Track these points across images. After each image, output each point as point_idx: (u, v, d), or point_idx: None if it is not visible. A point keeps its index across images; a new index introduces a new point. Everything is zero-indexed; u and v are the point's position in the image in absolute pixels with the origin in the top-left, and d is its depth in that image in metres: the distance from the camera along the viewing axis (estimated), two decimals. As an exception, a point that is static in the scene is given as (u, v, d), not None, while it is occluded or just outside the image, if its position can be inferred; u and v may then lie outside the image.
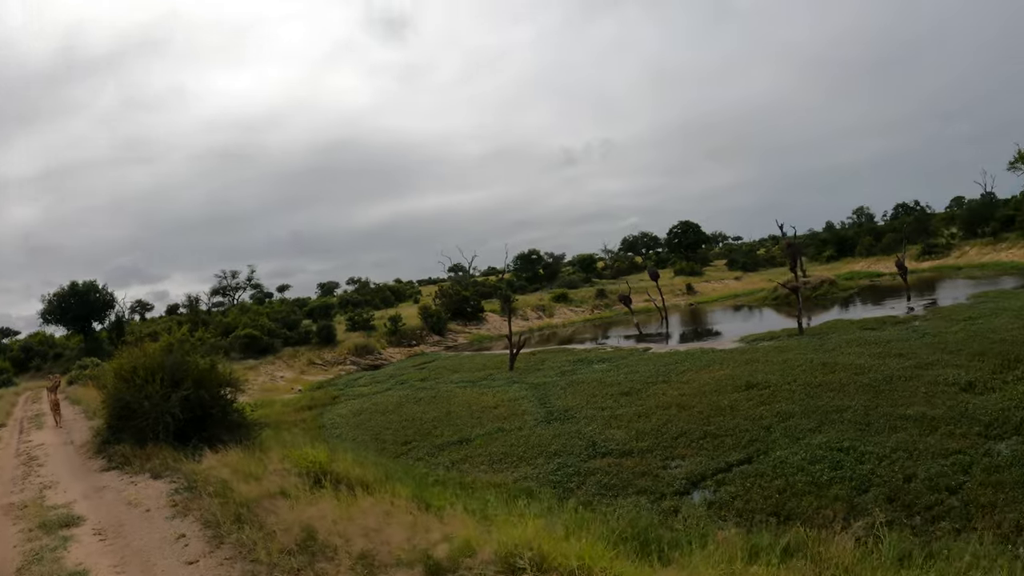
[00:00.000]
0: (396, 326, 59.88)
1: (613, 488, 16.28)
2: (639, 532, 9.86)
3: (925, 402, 20.14)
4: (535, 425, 23.76)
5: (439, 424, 25.66)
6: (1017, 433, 16.62)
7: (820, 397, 22.29)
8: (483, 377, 36.47)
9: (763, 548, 9.00)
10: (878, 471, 15.23)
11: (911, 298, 52.68)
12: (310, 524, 9.00)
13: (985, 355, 25.11)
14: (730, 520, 13.15)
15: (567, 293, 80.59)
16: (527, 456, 19.98)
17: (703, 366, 30.66)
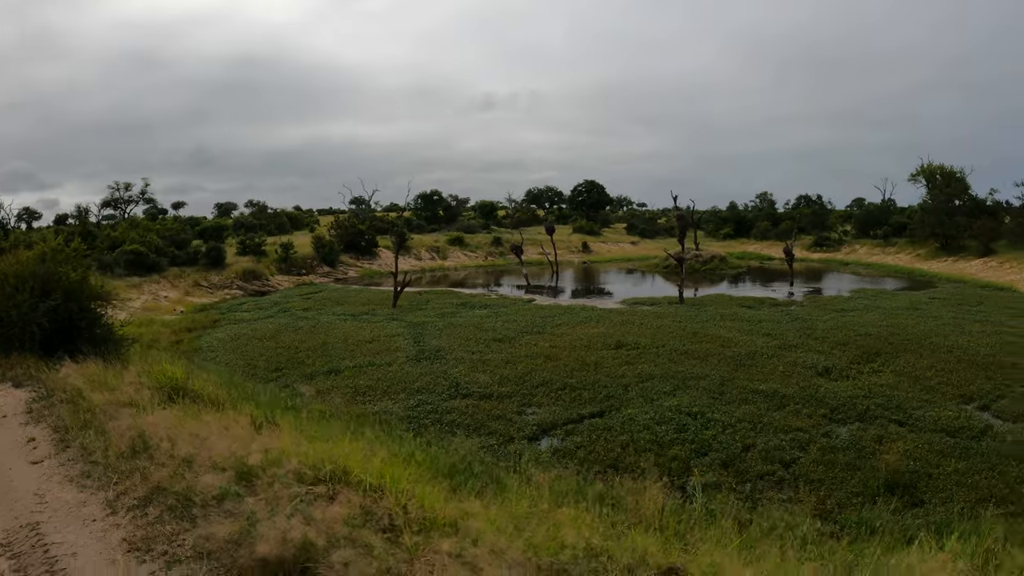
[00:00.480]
0: (287, 254, 58.62)
1: (466, 428, 16.57)
2: (466, 467, 10.14)
3: (780, 380, 21.14)
4: (405, 362, 23.83)
5: (313, 354, 25.44)
6: (860, 420, 17.69)
7: (682, 363, 23.09)
8: (365, 312, 36.36)
9: (579, 493, 9.39)
10: (720, 438, 15.99)
11: (794, 284, 54.55)
12: (146, 431, 9.37)
13: (848, 345, 26.56)
14: (571, 468, 13.48)
15: (463, 237, 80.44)
16: (391, 391, 20.09)
17: (579, 322, 31.29)
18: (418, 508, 6.04)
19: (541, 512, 7.40)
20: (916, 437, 16.31)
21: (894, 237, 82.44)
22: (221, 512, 6.04)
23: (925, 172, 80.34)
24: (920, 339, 28.01)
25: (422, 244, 75.45)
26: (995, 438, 16.46)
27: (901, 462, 14.50)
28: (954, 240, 70.45)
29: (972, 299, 43.19)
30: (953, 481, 13.74)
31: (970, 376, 22.19)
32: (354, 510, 5.72)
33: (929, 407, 18.79)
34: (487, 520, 6.12)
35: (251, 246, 59.88)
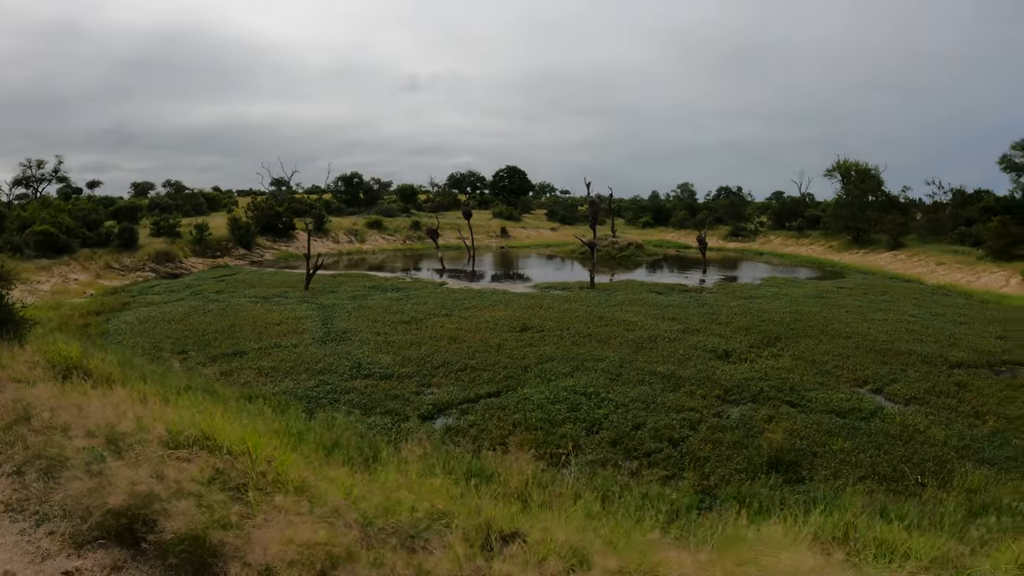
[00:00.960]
0: (202, 235, 57.62)
1: (363, 407, 16.86)
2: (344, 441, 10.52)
3: (679, 362, 21.87)
4: (310, 344, 23.91)
5: (220, 336, 25.23)
6: (753, 401, 18.44)
7: (584, 346, 23.69)
8: (277, 294, 36.15)
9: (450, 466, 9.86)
10: (612, 417, 16.51)
11: (707, 271, 56.14)
12: (30, 403, 9.39)
13: (750, 331, 27.39)
14: (462, 445, 13.98)
15: (382, 221, 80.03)
16: (293, 372, 20.19)
17: (488, 305, 31.71)
18: (275, 472, 6.40)
19: (409, 482, 7.80)
20: (806, 418, 17.05)
21: (808, 229, 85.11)
22: (86, 472, 6.33)
23: (840, 168, 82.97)
24: (822, 325, 29.13)
25: (340, 227, 74.76)
26: (884, 419, 17.20)
27: (786, 441, 15.12)
28: (865, 233, 73.09)
29: (878, 289, 44.80)
30: (838, 459, 14.40)
31: (866, 361, 23.18)
32: (207, 471, 6.06)
33: (823, 389, 19.63)
34: (341, 485, 6.48)
35: (165, 227, 58.69)
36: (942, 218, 71.77)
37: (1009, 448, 15.46)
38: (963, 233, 65.71)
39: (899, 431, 16.27)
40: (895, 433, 16.15)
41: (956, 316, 34.32)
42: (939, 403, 18.85)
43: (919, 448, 15.23)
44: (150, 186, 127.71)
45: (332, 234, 71.88)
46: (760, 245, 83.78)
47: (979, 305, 40.05)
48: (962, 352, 25.24)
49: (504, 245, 78.01)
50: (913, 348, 25.30)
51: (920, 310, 35.84)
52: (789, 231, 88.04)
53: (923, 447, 15.31)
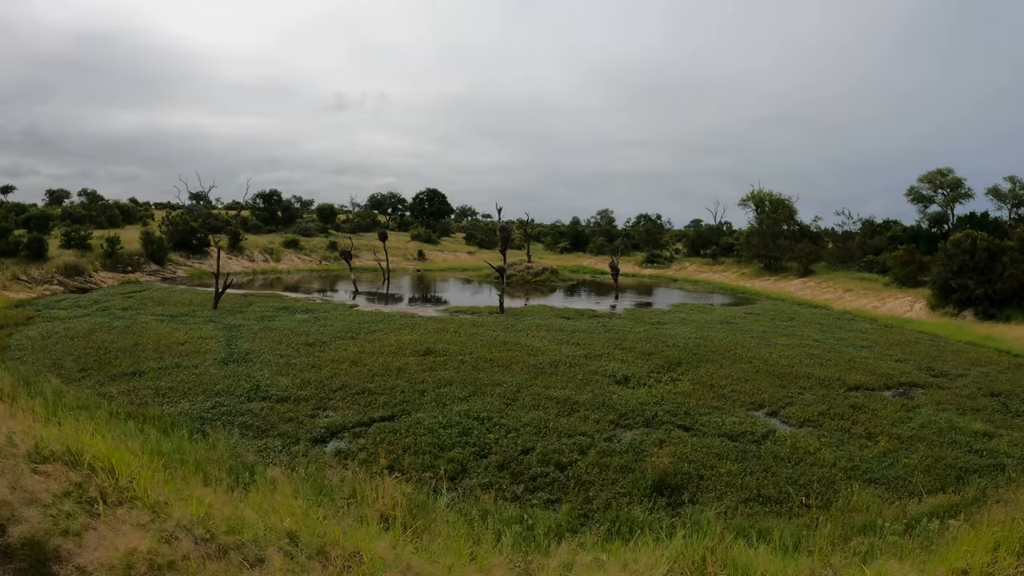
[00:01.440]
0: (113, 249, 56.46)
1: (256, 429, 17.00)
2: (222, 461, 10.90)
3: (577, 387, 22.33)
4: (211, 365, 23.86)
5: (122, 355, 24.98)
6: (647, 425, 18.89)
7: (484, 371, 24.03)
8: (185, 313, 35.87)
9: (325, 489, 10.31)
10: (502, 441, 16.83)
11: (620, 297, 57.04)
12: None
13: (653, 356, 28.12)
14: (351, 468, 14.21)
15: (299, 240, 79.38)
16: (191, 392, 20.17)
17: (395, 328, 31.92)
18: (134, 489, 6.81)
19: (271, 503, 8.24)
20: (697, 441, 17.47)
21: (723, 257, 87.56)
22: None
23: (754, 198, 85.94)
24: (725, 351, 30.02)
25: (256, 245, 74.02)
26: (775, 442, 17.80)
27: (671, 464, 15.35)
28: (777, 261, 75.61)
29: (785, 315, 46.18)
30: (724, 482, 14.79)
31: (764, 385, 23.97)
32: (65, 484, 6.49)
33: (718, 413, 20.19)
34: (199, 503, 6.90)
35: (76, 239, 57.38)
36: (851, 247, 74.49)
37: (898, 468, 16.13)
38: (871, 261, 68.30)
39: (789, 453, 16.89)
40: (785, 455, 16.74)
41: (859, 340, 35.78)
42: (832, 425, 19.58)
43: (808, 469, 15.82)
44: (65, 194, 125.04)
45: (247, 252, 71.13)
46: (675, 272, 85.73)
47: (883, 329, 41.74)
48: (860, 375, 26.39)
49: (420, 268, 78.15)
50: (812, 372, 26.31)
51: (824, 335, 37.17)
52: (704, 258, 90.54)
53: (812, 468, 15.89)
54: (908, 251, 60.37)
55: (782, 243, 75.96)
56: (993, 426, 20.16)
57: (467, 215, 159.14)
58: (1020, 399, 23.95)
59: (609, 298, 56.70)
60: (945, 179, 79.82)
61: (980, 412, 21.83)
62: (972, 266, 46.64)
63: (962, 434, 19.05)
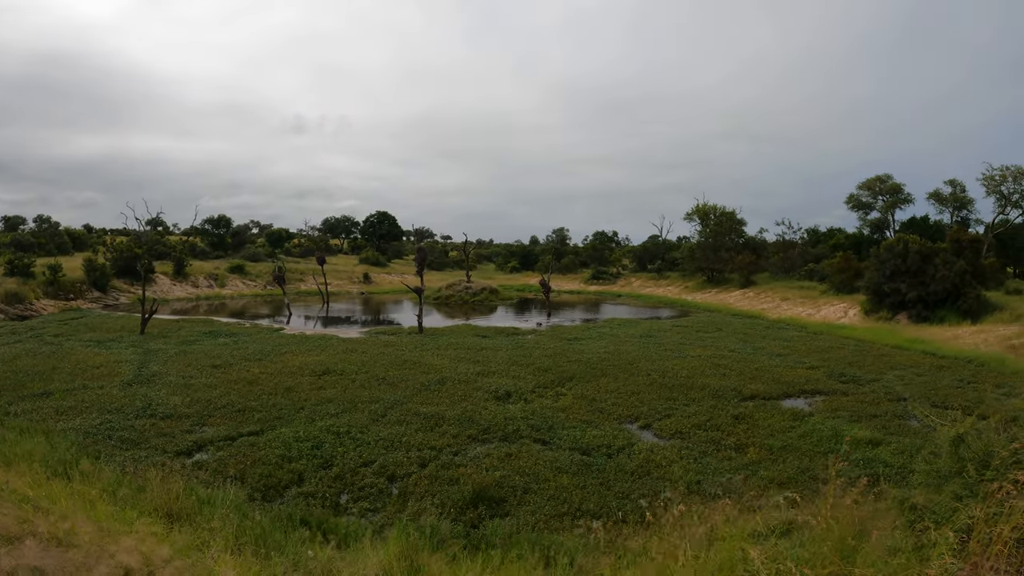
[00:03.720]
0: (55, 277, 57.50)
1: (132, 442, 18.11)
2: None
3: (452, 403, 23.22)
4: (116, 386, 24.94)
5: (36, 378, 26.09)
6: (504, 439, 19.51)
7: (370, 389, 25.09)
8: (113, 338, 36.88)
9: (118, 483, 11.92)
10: (350, 454, 17.71)
11: (551, 314, 58.54)
12: None
13: (548, 371, 29.13)
14: (202, 480, 15.20)
15: (245, 265, 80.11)
16: (87, 411, 21.28)
17: (306, 350, 33.11)
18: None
19: (63, 487, 9.84)
20: (547, 454, 17.98)
21: (667, 271, 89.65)
22: None
23: (699, 211, 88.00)
24: (627, 364, 30.91)
25: (201, 271, 74.76)
26: (629, 455, 18.07)
27: (489, 477, 15.92)
28: (719, 273, 77.90)
29: (713, 326, 47.52)
30: (548, 495, 15.07)
31: (652, 397, 24.61)
32: None
33: (585, 427, 20.70)
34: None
35: (19, 267, 58.28)
36: (792, 256, 76.85)
37: (753, 480, 15.86)
38: (811, 270, 70.37)
39: (637, 467, 17.14)
40: (632, 469, 17.01)
41: (778, 349, 36.85)
42: (703, 437, 19.91)
43: (649, 483, 16.02)
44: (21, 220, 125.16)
45: (192, 278, 71.87)
46: (620, 288, 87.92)
47: (809, 336, 43.11)
48: (761, 384, 27.20)
49: (364, 291, 79.25)
50: (711, 383, 27.05)
51: (743, 344, 38.38)
52: (650, 273, 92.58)
53: (655, 482, 16.09)
54: (844, 258, 62.41)
55: (723, 255, 78.16)
56: (883, 433, 20.38)
57: (425, 236, 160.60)
58: (930, 402, 24.41)
59: (542, 316, 58.08)
60: (884, 185, 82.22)
61: (876, 419, 22.28)
62: (904, 270, 47.97)
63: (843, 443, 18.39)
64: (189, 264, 74.03)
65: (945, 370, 31.67)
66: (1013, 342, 37.03)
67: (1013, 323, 41.23)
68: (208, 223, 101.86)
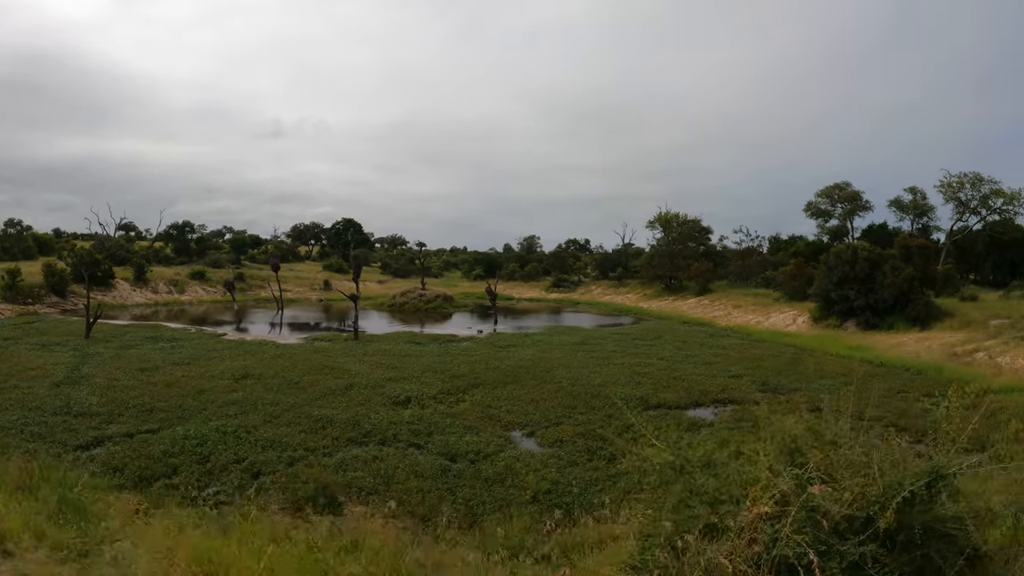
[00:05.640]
0: (14, 281, 58.66)
1: (39, 436, 19.54)
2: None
3: (348, 408, 24.20)
4: (45, 386, 26.13)
5: None
6: (382, 443, 20.30)
7: (278, 392, 26.29)
8: (59, 342, 38.12)
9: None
10: (228, 452, 18.67)
11: (498, 322, 60.06)
12: None
13: (461, 378, 29.99)
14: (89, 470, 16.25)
15: (205, 271, 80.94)
16: (10, 408, 22.56)
17: (236, 355, 34.48)
18: None
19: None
20: (415, 458, 18.66)
21: (627, 279, 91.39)
22: None
23: (661, 219, 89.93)
24: (544, 372, 31.52)
25: (162, 277, 75.84)
26: (492, 462, 18.41)
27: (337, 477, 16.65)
28: (677, 281, 79.51)
29: (654, 334, 48.54)
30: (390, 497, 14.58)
31: (552, 405, 25.05)
32: None
33: (465, 433, 21.27)
34: None
35: (-22, 272, 59.32)
36: (750, 264, 78.23)
37: (614, 490, 15.49)
38: (768, 277, 71.35)
39: (495, 474, 17.49)
40: (489, 475, 17.36)
41: (710, 357, 37.71)
42: (582, 446, 20.07)
43: (500, 491, 16.32)
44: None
45: (152, 284, 72.98)
46: (580, 295, 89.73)
47: (750, 344, 44.16)
48: (673, 394, 27.52)
49: (323, 297, 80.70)
50: (621, 392, 27.00)
51: (677, 352, 39.25)
52: (611, 281, 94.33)
53: (506, 489, 16.41)
54: (797, 265, 63.68)
55: (680, 263, 79.97)
56: None
57: (397, 244, 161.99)
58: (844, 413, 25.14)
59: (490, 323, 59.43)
60: (843, 192, 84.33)
61: None
62: (853, 276, 48.81)
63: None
64: (150, 270, 75.22)
65: (878, 378, 32.03)
66: (956, 350, 37.70)
67: (960, 330, 41.89)
68: (173, 228, 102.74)
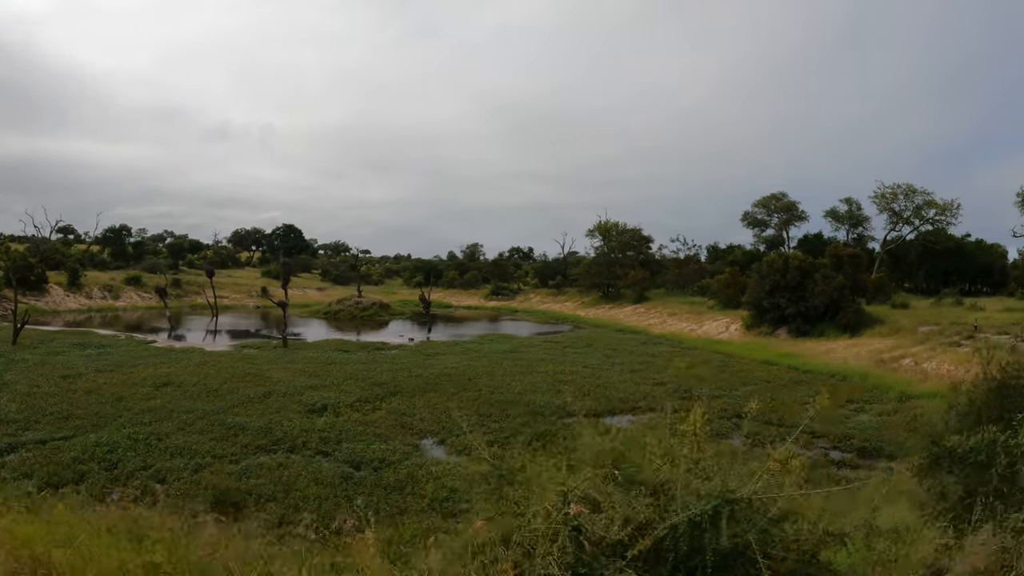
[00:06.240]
0: None
1: None
2: None
3: (260, 415, 24.46)
4: None
5: None
6: (290, 450, 20.61)
7: (197, 399, 26.64)
8: None
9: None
10: (138, 459, 18.98)
11: (432, 329, 60.83)
12: None
13: (381, 385, 30.47)
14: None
15: (141, 277, 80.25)
16: None
17: (161, 362, 34.75)
18: None
19: None
20: (320, 466, 18.97)
21: (566, 287, 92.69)
22: None
23: (601, 228, 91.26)
24: (467, 380, 32.02)
25: (97, 282, 75.15)
26: (395, 470, 18.64)
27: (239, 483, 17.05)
28: (615, 289, 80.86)
29: (585, 342, 49.84)
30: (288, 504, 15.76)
31: (467, 413, 24.83)
32: None
33: (373, 441, 21.57)
34: None
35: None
36: (687, 272, 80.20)
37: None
38: (704, 286, 72.84)
39: (395, 481, 17.79)
40: (389, 483, 17.66)
41: (637, 365, 38.50)
42: (490, 454, 21.93)
43: (399, 498, 16.57)
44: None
45: (86, 289, 72.31)
46: (519, 303, 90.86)
47: (679, 352, 45.25)
48: (592, 402, 27.85)
49: (260, 304, 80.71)
50: (540, 400, 27.72)
51: (605, 360, 40.05)
52: (550, 289, 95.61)
53: (404, 497, 16.65)
54: (731, 274, 65.09)
55: (617, 271, 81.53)
56: None
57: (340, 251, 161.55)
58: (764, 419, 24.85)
59: (424, 331, 59.88)
60: (779, 203, 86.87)
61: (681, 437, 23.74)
62: (784, 285, 50.24)
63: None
64: (84, 275, 74.53)
65: (802, 385, 33.00)
66: (883, 356, 38.99)
67: (889, 337, 43.35)
68: (111, 232, 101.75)
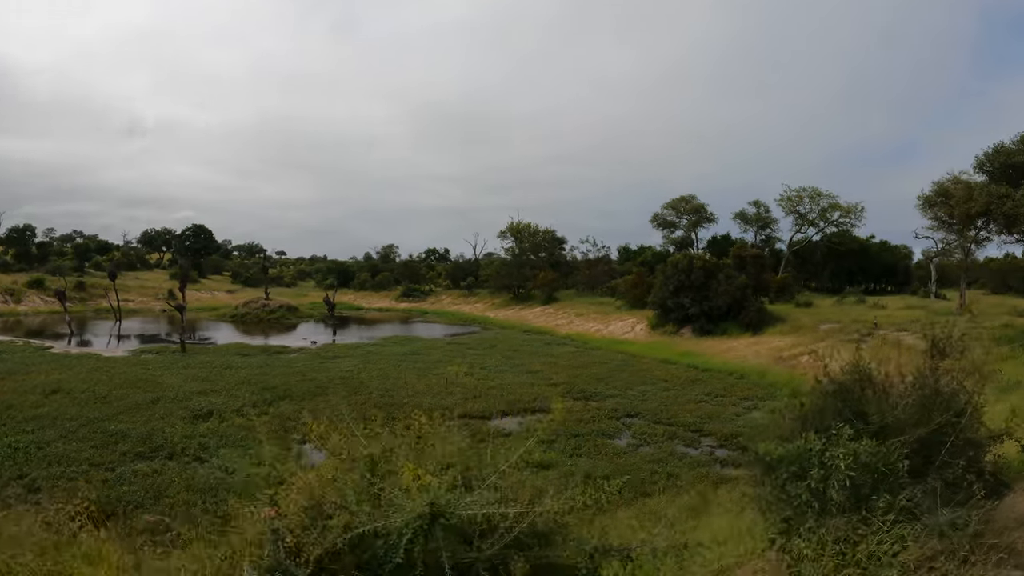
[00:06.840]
0: None
1: None
2: None
3: (145, 422, 24.27)
4: None
5: None
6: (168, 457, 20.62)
7: (84, 406, 26.18)
8: None
9: None
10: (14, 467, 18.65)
11: (337, 332, 61.75)
12: None
13: (272, 390, 30.55)
14: None
15: (45, 279, 78.43)
16: None
17: (55, 368, 34.70)
18: None
19: None
20: (195, 472, 18.98)
21: (477, 288, 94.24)
22: None
23: (512, 229, 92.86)
24: (359, 384, 32.41)
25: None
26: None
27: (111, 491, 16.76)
28: (524, 290, 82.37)
29: (489, 343, 50.72)
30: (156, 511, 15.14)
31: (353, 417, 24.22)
32: None
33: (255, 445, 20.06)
34: None
35: None
36: (596, 273, 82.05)
37: None
38: (613, 287, 74.30)
39: (242, 485, 17.25)
40: (234, 486, 16.85)
41: (538, 366, 39.25)
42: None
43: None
44: None
45: (-15, 292, 70.53)
46: (430, 305, 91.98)
47: (582, 352, 46.36)
48: (483, 403, 28.34)
49: (166, 308, 79.61)
50: (429, 402, 27.08)
51: (505, 362, 40.76)
52: (461, 290, 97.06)
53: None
54: (638, 275, 67.02)
55: (527, 272, 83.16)
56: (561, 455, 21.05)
57: (255, 252, 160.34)
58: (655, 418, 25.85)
59: (329, 334, 60.65)
60: (689, 205, 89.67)
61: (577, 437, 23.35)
62: (689, 285, 51.69)
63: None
64: (-16, 278, 72.66)
65: (699, 383, 33.89)
66: (783, 353, 40.31)
67: (790, 335, 44.98)
68: (14, 232, 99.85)
